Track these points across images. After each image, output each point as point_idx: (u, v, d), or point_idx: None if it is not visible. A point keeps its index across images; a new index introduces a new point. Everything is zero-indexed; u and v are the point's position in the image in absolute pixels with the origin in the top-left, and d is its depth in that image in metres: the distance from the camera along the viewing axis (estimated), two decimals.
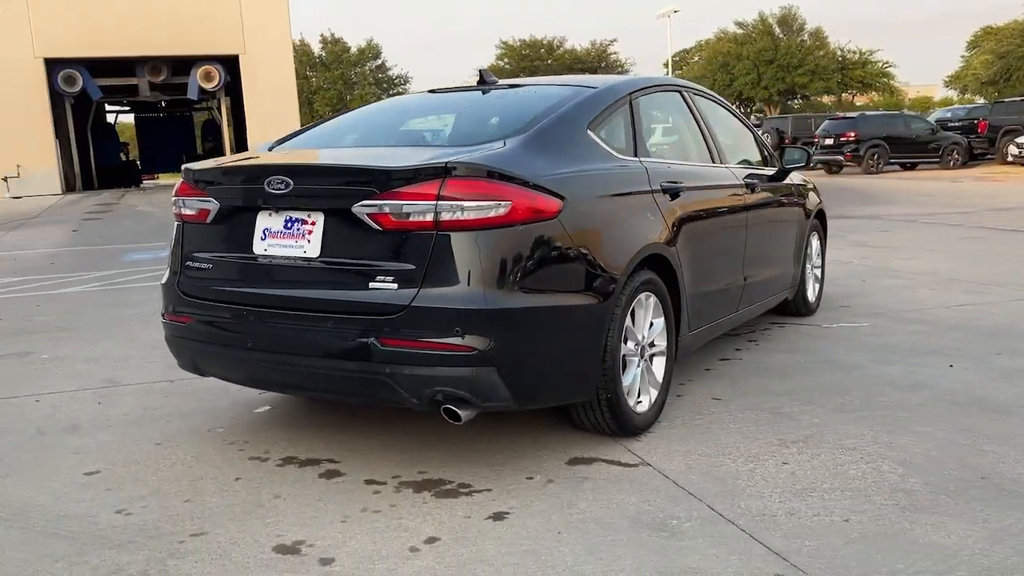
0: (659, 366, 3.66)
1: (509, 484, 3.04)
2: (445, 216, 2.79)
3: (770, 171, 5.13)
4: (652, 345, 3.61)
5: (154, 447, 3.55)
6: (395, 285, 2.84)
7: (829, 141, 23.91)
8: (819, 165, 24.70)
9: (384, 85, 51.22)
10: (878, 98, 56.52)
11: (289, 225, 3.06)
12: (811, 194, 5.77)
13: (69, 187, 23.27)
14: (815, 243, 5.83)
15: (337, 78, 48.53)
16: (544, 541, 2.61)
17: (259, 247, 3.12)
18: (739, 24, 53.70)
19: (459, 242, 2.80)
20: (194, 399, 4.14)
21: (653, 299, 3.55)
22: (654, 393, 3.60)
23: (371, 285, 2.88)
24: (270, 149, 3.83)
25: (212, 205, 3.25)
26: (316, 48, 50.41)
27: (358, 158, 3.34)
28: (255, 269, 3.15)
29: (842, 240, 9.84)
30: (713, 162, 4.40)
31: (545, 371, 3.04)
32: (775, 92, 51.97)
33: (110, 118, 34.65)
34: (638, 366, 3.48)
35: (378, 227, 2.86)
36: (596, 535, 2.64)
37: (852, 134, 23.53)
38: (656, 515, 2.77)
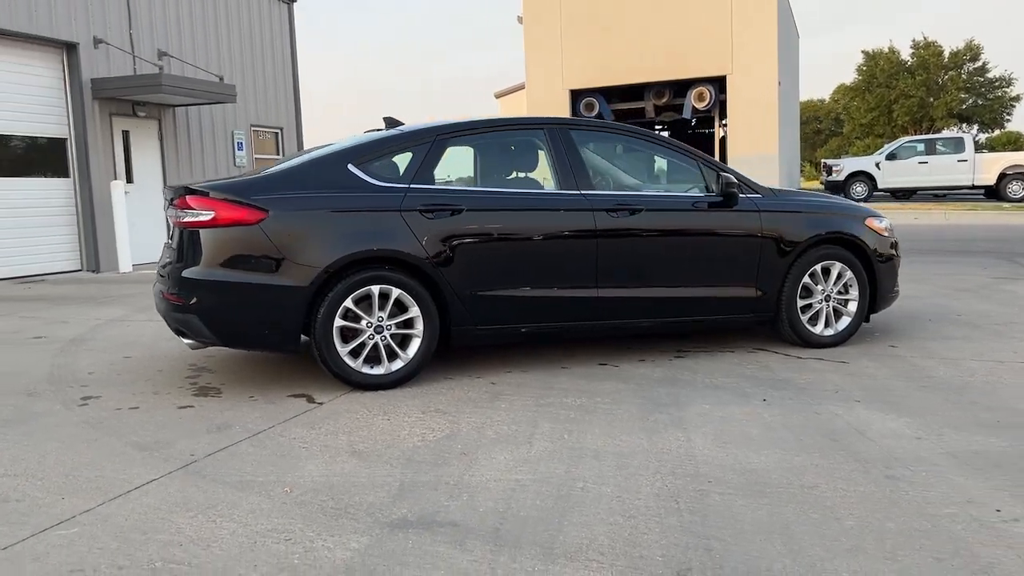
0: (414, 345, 4.74)
1: (234, 398, 4.63)
2: (185, 219, 4.57)
3: (712, 198, 5.31)
4: (405, 327, 4.72)
5: (178, 354, 5.93)
6: (173, 260, 4.72)
7: None
8: None
9: (981, 89, 46.45)
10: None
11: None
12: (832, 219, 5.55)
13: None
14: (836, 274, 5.54)
15: (920, 84, 45.71)
16: (169, 422, 4.24)
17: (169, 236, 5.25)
18: None
19: (187, 235, 4.57)
20: None
21: (397, 291, 4.67)
22: (398, 364, 4.72)
23: (170, 260, 4.80)
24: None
25: (164, 210, 5.49)
26: (906, 54, 48.15)
27: (190, 182, 5.17)
28: (167, 250, 5.27)
29: None
30: (564, 189, 5.03)
31: (241, 324, 4.56)
32: None
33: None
34: (371, 338, 4.66)
35: (174, 224, 4.77)
36: (176, 422, 4.17)
37: None
38: (231, 425, 4.11)
